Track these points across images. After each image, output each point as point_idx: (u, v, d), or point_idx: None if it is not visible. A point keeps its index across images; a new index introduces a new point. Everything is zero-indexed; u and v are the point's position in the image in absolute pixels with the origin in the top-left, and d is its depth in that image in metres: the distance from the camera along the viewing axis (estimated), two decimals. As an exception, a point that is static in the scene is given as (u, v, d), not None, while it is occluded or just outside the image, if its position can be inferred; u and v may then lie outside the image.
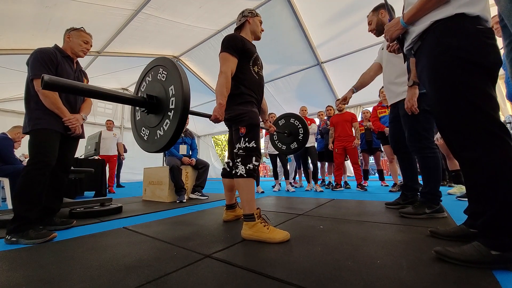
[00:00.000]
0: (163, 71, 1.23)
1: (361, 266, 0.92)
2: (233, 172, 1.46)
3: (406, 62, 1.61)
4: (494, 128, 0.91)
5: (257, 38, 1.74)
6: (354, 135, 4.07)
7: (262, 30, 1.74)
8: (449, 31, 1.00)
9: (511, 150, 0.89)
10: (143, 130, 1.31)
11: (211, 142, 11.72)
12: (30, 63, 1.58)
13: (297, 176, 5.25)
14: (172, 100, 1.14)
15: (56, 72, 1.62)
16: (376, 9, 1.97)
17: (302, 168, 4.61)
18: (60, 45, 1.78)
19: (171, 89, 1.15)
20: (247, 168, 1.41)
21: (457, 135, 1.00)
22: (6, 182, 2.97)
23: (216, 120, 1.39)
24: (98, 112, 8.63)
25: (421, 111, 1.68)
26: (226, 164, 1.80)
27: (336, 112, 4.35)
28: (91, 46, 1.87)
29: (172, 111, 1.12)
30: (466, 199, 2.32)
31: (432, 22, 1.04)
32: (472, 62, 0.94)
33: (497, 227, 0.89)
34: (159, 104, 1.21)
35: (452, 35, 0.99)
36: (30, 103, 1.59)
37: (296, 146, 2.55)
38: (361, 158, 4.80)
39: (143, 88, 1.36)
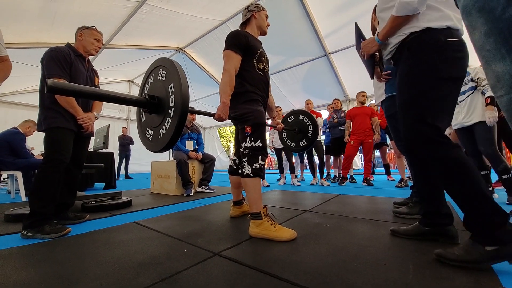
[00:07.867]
0: (163, 71, 1.24)
1: (367, 268, 0.94)
2: (240, 171, 1.47)
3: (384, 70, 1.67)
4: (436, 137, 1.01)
5: (263, 33, 1.71)
6: (374, 130, 3.86)
7: (268, 25, 1.71)
8: (420, 45, 1.08)
9: (451, 151, 0.98)
10: (148, 131, 1.34)
11: (217, 134, 11.77)
12: (44, 62, 1.59)
13: (299, 169, 5.24)
14: (172, 98, 1.15)
15: (70, 72, 1.64)
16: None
17: (306, 162, 4.59)
18: (66, 41, 1.79)
19: (171, 87, 1.16)
20: (254, 167, 1.42)
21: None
22: (19, 175, 3.08)
23: (220, 119, 1.40)
24: (105, 105, 8.69)
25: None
26: (232, 162, 1.82)
27: (358, 104, 4.07)
28: (102, 44, 1.87)
29: (173, 108, 1.14)
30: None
31: (406, 36, 1.10)
32: (439, 77, 1.02)
33: (478, 223, 0.93)
34: (160, 103, 1.23)
35: (422, 49, 1.05)
36: (45, 102, 1.62)
37: (305, 143, 2.53)
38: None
39: (146, 90, 1.37)
